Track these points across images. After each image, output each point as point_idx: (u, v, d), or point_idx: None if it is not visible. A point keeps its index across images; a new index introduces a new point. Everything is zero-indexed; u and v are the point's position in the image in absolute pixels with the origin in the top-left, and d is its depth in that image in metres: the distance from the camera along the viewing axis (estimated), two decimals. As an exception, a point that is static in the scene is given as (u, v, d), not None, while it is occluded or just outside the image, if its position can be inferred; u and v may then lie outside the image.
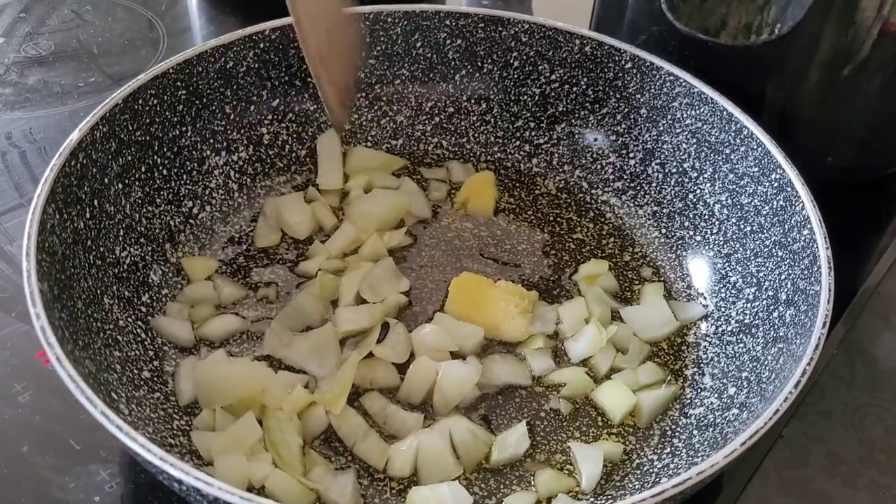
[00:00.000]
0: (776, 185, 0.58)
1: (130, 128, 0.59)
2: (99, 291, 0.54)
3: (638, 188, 0.68)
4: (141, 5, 0.91)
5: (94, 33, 0.87)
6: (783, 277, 0.55)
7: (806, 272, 0.53)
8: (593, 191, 0.70)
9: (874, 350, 0.63)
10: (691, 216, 0.65)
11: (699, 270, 0.63)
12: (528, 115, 0.72)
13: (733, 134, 0.61)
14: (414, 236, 0.67)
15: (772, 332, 0.54)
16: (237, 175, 0.67)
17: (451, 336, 0.57)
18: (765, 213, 0.59)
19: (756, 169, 0.60)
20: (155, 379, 0.54)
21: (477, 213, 0.68)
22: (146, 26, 0.89)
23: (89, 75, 0.81)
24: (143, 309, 0.57)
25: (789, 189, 0.56)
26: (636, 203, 0.68)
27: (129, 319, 0.56)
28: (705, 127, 0.64)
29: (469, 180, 0.70)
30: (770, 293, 0.56)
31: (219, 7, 0.94)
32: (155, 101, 0.61)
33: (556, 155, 0.72)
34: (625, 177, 0.69)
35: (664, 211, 0.67)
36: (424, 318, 0.60)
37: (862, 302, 0.65)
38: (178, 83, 0.63)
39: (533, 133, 0.72)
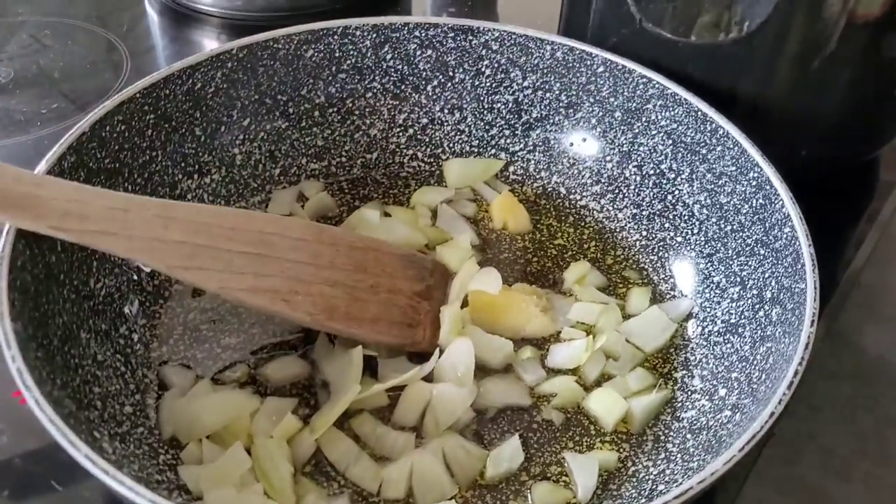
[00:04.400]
0: (754, 183, 0.58)
1: (99, 156, 0.58)
2: (75, 326, 0.53)
3: (616, 191, 0.68)
4: (101, 27, 0.90)
5: (54, 58, 0.85)
6: (767, 276, 0.55)
7: (790, 270, 0.52)
8: (571, 196, 0.70)
9: (859, 341, 0.63)
10: (671, 217, 0.65)
11: (682, 271, 0.63)
12: (503, 122, 0.71)
13: (709, 134, 0.61)
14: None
15: (759, 332, 0.54)
16: (211, 198, 0.66)
17: (480, 351, 0.57)
18: (745, 211, 0.59)
19: (733, 168, 0.60)
20: (138, 413, 0.53)
21: (519, 232, 0.67)
22: (108, 48, 0.87)
23: (52, 101, 0.79)
24: (122, 341, 0.56)
25: (768, 187, 0.56)
26: (615, 206, 0.68)
27: (108, 353, 0.54)
28: (680, 128, 0.63)
29: (497, 203, 0.68)
30: (755, 292, 0.56)
31: (181, 26, 0.93)
32: (123, 128, 0.60)
33: (533, 161, 0.71)
34: (602, 180, 0.69)
35: (643, 213, 0.66)
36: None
37: (844, 293, 0.65)
38: (146, 107, 0.61)
39: (508, 141, 0.72)
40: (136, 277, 0.59)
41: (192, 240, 0.52)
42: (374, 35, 0.69)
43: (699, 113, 0.62)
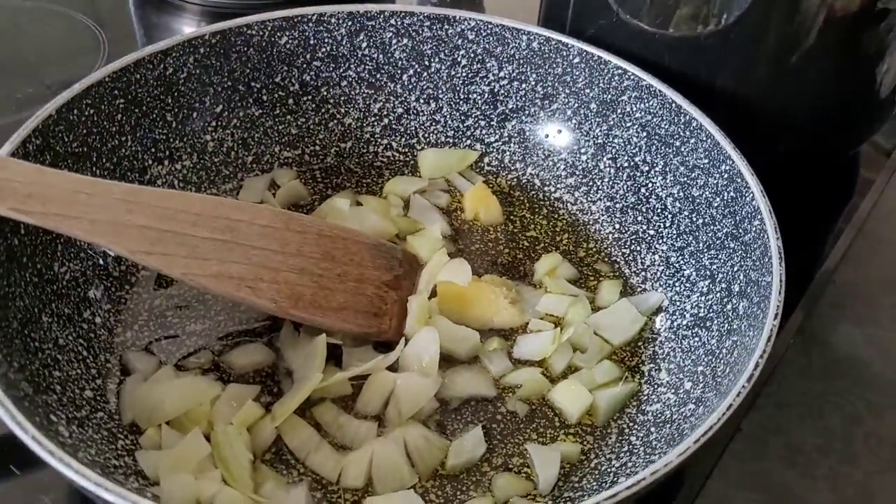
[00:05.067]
0: (726, 176, 0.57)
1: (66, 139, 0.57)
2: (36, 309, 0.52)
3: (590, 183, 0.68)
4: (80, 12, 0.89)
5: (31, 43, 0.85)
6: (735, 269, 0.55)
7: (758, 263, 0.52)
8: (546, 187, 0.69)
9: (831, 339, 0.63)
10: (644, 210, 0.64)
11: (653, 264, 0.63)
12: (479, 113, 0.71)
13: (682, 126, 0.61)
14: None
15: (726, 325, 0.53)
16: (181, 184, 0.65)
17: (446, 341, 0.56)
18: (716, 204, 0.58)
19: (706, 160, 0.59)
20: (98, 398, 0.52)
21: (490, 224, 0.67)
22: (86, 34, 0.86)
23: (26, 86, 0.79)
24: (85, 326, 0.55)
25: (739, 180, 0.56)
26: (589, 199, 0.68)
27: (70, 337, 0.54)
28: (655, 120, 0.63)
29: (470, 194, 0.68)
30: (723, 285, 0.56)
31: (161, 13, 0.92)
32: (91, 111, 0.59)
33: (508, 153, 0.71)
34: (577, 172, 0.68)
35: (617, 206, 0.66)
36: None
37: (817, 290, 0.65)
38: (116, 91, 0.61)
39: (484, 131, 0.71)
40: (102, 262, 0.59)
41: (157, 225, 0.52)
42: (350, 23, 0.68)
43: (673, 105, 0.61)
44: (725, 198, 0.57)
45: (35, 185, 0.49)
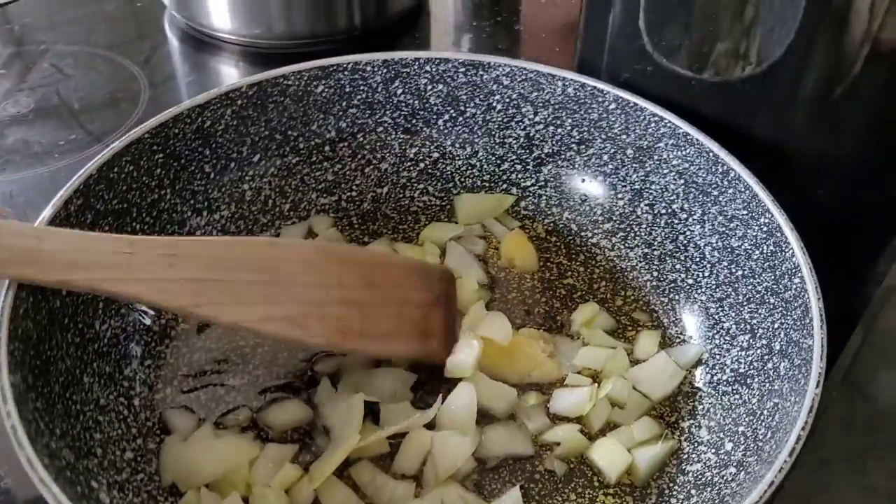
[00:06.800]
0: (765, 229, 0.56)
1: (106, 197, 0.58)
2: (78, 371, 0.53)
3: (628, 230, 0.67)
4: (122, 55, 0.90)
5: (74, 87, 0.86)
6: (776, 326, 0.54)
7: (798, 323, 0.51)
8: (583, 233, 0.69)
9: (872, 389, 0.61)
10: (682, 258, 0.63)
11: (692, 315, 0.62)
12: (514, 157, 0.71)
13: (720, 176, 0.60)
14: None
15: (767, 385, 0.52)
16: (220, 234, 0.66)
17: (484, 398, 0.56)
18: (755, 257, 0.57)
19: (745, 212, 0.58)
20: (139, 459, 0.53)
21: (525, 271, 0.67)
22: (127, 78, 0.88)
23: (69, 133, 0.80)
24: (125, 384, 0.56)
25: (778, 234, 0.55)
26: (627, 245, 0.67)
27: (111, 397, 0.54)
28: (692, 168, 0.62)
29: (506, 241, 0.68)
30: (764, 342, 0.55)
31: (201, 53, 0.93)
32: (131, 168, 0.60)
33: (544, 197, 0.70)
34: (614, 218, 0.68)
35: (655, 253, 0.65)
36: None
37: (859, 337, 0.64)
38: (155, 147, 0.61)
39: (520, 176, 0.71)
40: (142, 319, 0.60)
41: (200, 275, 0.52)
42: (385, 70, 0.68)
43: (710, 154, 0.61)
44: (765, 251, 0.56)
45: (77, 251, 0.50)
